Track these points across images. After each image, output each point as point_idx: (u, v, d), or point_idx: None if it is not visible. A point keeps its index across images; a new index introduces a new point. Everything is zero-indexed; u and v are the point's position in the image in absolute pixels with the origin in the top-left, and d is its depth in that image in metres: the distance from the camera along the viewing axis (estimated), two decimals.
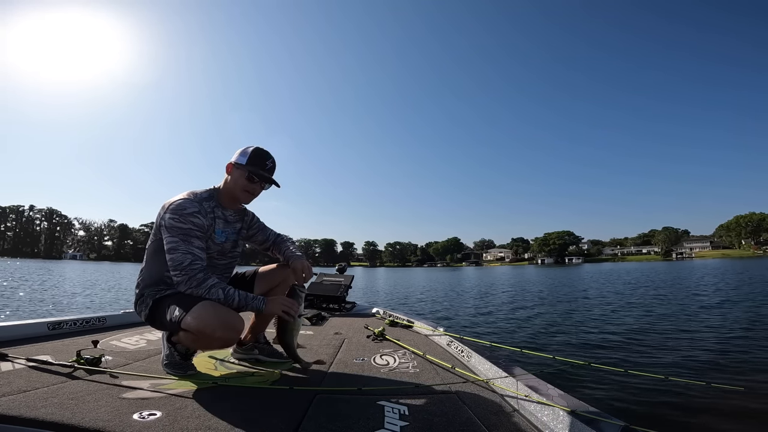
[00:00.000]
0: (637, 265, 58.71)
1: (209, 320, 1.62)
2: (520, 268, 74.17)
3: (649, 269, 34.66)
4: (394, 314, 3.73)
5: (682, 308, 8.39)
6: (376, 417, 1.41)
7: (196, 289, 1.66)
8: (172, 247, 1.68)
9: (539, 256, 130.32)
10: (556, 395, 1.51)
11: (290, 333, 1.92)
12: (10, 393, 1.46)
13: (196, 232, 1.73)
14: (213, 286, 1.67)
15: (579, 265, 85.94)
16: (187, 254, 1.68)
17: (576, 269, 46.38)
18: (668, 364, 4.06)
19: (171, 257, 1.68)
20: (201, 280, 1.67)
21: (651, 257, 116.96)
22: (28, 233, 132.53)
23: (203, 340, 1.71)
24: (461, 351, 2.37)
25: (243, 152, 1.88)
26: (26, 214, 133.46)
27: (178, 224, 1.70)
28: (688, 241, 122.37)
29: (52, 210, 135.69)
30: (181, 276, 1.66)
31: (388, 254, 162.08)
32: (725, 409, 2.72)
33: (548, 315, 8.20)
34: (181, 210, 1.72)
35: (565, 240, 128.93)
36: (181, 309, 1.66)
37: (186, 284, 1.66)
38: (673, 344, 4.97)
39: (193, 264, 1.67)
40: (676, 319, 6.95)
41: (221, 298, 1.67)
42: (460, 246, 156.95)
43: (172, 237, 1.69)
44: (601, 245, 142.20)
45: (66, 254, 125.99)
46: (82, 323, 2.86)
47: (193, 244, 1.71)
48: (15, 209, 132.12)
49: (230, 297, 1.69)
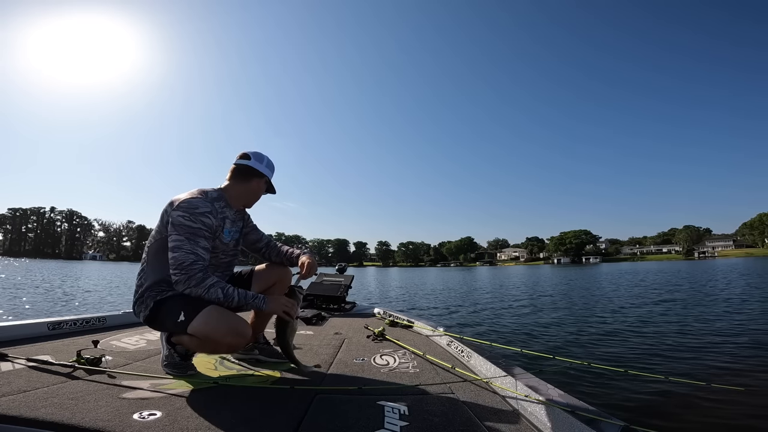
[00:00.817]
0: (657, 264, 56.39)
1: (217, 326, 1.63)
2: (535, 267, 72.77)
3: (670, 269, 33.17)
4: (394, 314, 3.73)
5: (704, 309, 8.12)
6: (376, 417, 1.41)
7: (195, 289, 1.65)
8: (177, 245, 1.67)
9: (555, 255, 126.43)
10: (556, 395, 1.51)
11: (288, 334, 1.91)
12: (10, 393, 1.46)
13: (204, 232, 1.73)
14: (212, 285, 1.66)
15: (596, 264, 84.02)
16: (190, 254, 1.67)
17: (592, 269, 45.48)
18: (669, 364, 4.06)
19: (174, 255, 1.66)
20: (200, 279, 1.65)
21: (672, 256, 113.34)
22: (49, 234, 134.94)
23: (210, 345, 1.72)
24: (461, 351, 2.37)
25: (260, 160, 1.95)
26: (47, 216, 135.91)
27: (188, 222, 1.69)
28: (710, 240, 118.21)
29: (72, 211, 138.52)
30: (181, 275, 1.65)
31: (401, 254, 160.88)
32: (725, 409, 2.71)
33: (552, 315, 8.19)
34: (193, 208, 1.72)
35: (582, 239, 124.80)
36: (187, 313, 1.66)
37: (185, 283, 1.65)
38: (675, 344, 4.97)
39: (194, 264, 1.66)
40: (681, 320, 6.94)
41: (220, 297, 1.66)
42: (473, 246, 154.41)
43: (178, 235, 1.68)
44: (620, 244, 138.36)
45: (86, 255, 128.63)
46: (82, 323, 2.86)
47: (198, 244, 1.70)
48: (36, 211, 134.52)
49: (229, 296, 1.68)
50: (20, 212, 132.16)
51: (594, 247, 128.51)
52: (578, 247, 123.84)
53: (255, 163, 1.93)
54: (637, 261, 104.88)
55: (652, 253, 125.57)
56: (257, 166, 1.93)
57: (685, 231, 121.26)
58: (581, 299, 11.20)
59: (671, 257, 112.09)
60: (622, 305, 9.37)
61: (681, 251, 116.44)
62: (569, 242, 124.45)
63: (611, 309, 8.74)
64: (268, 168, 1.98)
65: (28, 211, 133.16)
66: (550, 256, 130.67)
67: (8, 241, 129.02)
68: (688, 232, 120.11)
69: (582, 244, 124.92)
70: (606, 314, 7.92)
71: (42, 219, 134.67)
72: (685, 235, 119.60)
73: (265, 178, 1.98)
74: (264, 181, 1.98)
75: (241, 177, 1.93)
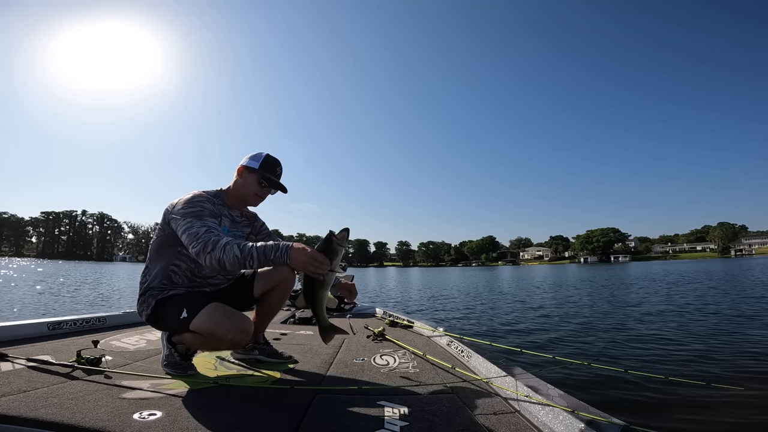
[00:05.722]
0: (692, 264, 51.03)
1: (220, 322, 1.63)
2: (560, 267, 70.47)
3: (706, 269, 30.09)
4: (394, 314, 3.73)
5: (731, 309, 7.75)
6: (376, 417, 1.41)
7: (213, 252, 1.59)
8: (188, 226, 1.68)
9: (581, 254, 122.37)
10: (556, 395, 1.51)
11: (317, 289, 1.66)
12: (10, 393, 1.46)
13: (207, 213, 1.76)
14: (227, 243, 1.59)
15: (625, 263, 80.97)
16: (202, 226, 1.68)
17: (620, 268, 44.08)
18: (669, 365, 4.06)
19: (188, 233, 1.66)
20: (215, 242, 1.62)
21: (707, 254, 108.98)
22: (81, 237, 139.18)
23: (212, 342, 1.72)
24: (461, 351, 2.37)
25: (255, 157, 1.93)
26: (79, 219, 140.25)
27: (190, 209, 1.73)
28: (746, 237, 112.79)
29: (103, 214, 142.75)
30: (198, 244, 1.62)
31: (421, 254, 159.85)
32: (725, 409, 2.71)
33: (556, 315, 8.18)
34: (191, 200, 1.78)
35: (610, 237, 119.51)
36: (189, 310, 1.67)
37: (204, 251, 1.60)
38: (675, 344, 4.97)
39: (209, 231, 1.66)
40: (684, 320, 6.94)
41: (238, 254, 1.57)
42: (495, 245, 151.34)
43: (184, 219, 1.70)
44: (650, 243, 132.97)
45: (116, 256, 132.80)
46: (82, 323, 2.86)
47: (206, 221, 1.72)
48: (68, 214, 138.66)
49: (247, 254, 1.56)
50: (53, 216, 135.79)
51: (623, 245, 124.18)
52: (606, 246, 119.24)
53: (246, 160, 1.94)
54: (669, 259, 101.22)
55: (685, 252, 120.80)
56: (246, 162, 1.93)
57: (719, 228, 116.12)
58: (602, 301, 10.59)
59: (706, 255, 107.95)
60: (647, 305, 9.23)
61: (716, 249, 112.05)
62: (596, 240, 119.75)
63: (633, 311, 8.66)
64: (255, 160, 1.91)
65: (60, 215, 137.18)
66: (576, 255, 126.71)
67: (42, 244, 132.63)
68: (723, 230, 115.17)
69: (610, 243, 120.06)
70: (616, 315, 7.90)
71: (74, 222, 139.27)
72: (720, 232, 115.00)
73: (256, 174, 1.91)
74: (256, 176, 1.91)
75: (238, 175, 1.96)
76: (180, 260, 1.83)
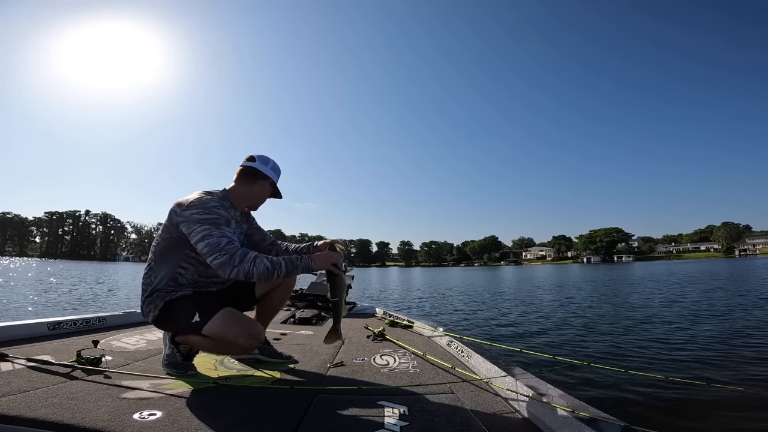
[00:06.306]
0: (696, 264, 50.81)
1: (232, 327, 1.66)
2: (563, 267, 70.17)
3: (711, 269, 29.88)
4: (394, 314, 3.73)
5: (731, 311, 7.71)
6: (376, 417, 1.41)
7: (241, 265, 1.62)
8: (205, 234, 1.66)
9: (584, 254, 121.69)
10: (556, 395, 1.50)
11: (339, 287, 1.89)
12: (10, 393, 1.46)
13: (223, 221, 1.76)
14: (257, 256, 1.66)
15: (629, 263, 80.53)
16: (222, 237, 1.67)
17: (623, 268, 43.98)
18: (669, 364, 4.05)
19: (206, 242, 1.65)
20: (243, 254, 1.64)
21: (711, 254, 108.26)
22: (84, 237, 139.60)
23: (223, 347, 1.74)
24: (461, 351, 2.37)
25: (268, 163, 1.96)
26: (82, 219, 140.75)
27: (205, 215, 1.70)
28: (750, 237, 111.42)
29: (106, 214, 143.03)
30: (222, 256, 1.62)
31: (423, 254, 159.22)
32: (725, 409, 2.71)
33: (557, 316, 8.17)
34: (204, 204, 1.74)
35: (613, 237, 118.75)
36: (202, 315, 1.68)
37: (230, 263, 1.62)
38: (676, 344, 4.96)
39: (231, 243, 1.67)
40: (685, 321, 6.93)
41: (269, 266, 1.66)
42: (497, 245, 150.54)
43: (201, 226, 1.68)
44: (653, 242, 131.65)
45: (120, 256, 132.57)
46: (82, 323, 2.86)
47: (224, 230, 1.72)
48: (72, 214, 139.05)
49: (276, 263, 1.68)
50: (57, 216, 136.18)
51: (626, 245, 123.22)
52: (609, 246, 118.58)
53: (260, 165, 1.93)
54: (673, 259, 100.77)
55: (689, 252, 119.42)
56: (262, 168, 1.93)
57: (723, 228, 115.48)
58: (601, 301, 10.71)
59: (710, 255, 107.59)
60: (647, 306, 9.24)
61: (720, 249, 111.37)
62: (599, 240, 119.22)
63: (634, 311, 8.66)
64: (273, 171, 1.97)
65: (64, 215, 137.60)
66: (579, 255, 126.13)
67: (45, 244, 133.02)
68: (727, 230, 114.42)
69: (613, 243, 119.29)
70: (613, 315, 7.89)
71: (77, 222, 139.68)
72: (724, 232, 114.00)
73: (270, 181, 1.97)
74: (269, 184, 1.98)
75: (247, 179, 1.94)
76: (188, 263, 1.81)
